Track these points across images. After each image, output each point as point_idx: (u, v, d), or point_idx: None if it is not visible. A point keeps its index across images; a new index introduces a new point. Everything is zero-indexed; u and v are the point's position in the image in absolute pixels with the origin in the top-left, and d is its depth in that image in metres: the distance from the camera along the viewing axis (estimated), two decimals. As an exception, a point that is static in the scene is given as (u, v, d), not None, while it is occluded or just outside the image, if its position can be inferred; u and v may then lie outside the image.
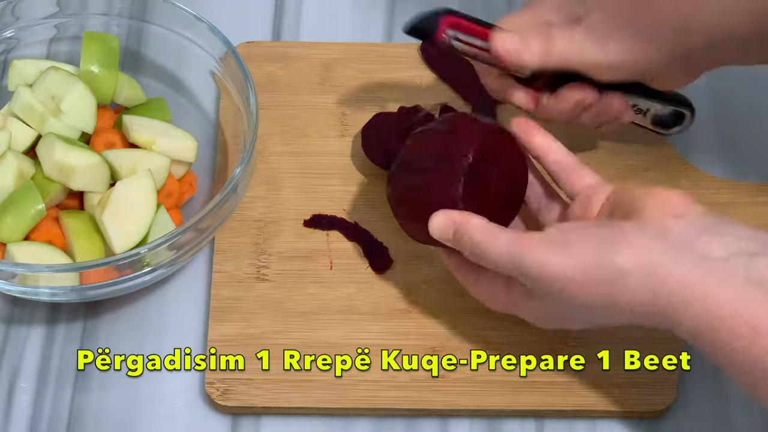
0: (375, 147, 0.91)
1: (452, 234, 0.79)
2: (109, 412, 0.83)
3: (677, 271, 0.71)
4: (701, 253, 0.71)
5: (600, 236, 0.73)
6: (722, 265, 0.71)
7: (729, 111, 0.98)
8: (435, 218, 0.79)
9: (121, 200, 0.85)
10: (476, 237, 0.77)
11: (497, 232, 0.76)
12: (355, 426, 0.83)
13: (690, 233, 0.72)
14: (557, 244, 0.74)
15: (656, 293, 0.71)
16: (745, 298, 0.70)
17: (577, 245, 0.73)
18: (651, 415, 0.83)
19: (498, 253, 0.76)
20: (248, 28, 1.02)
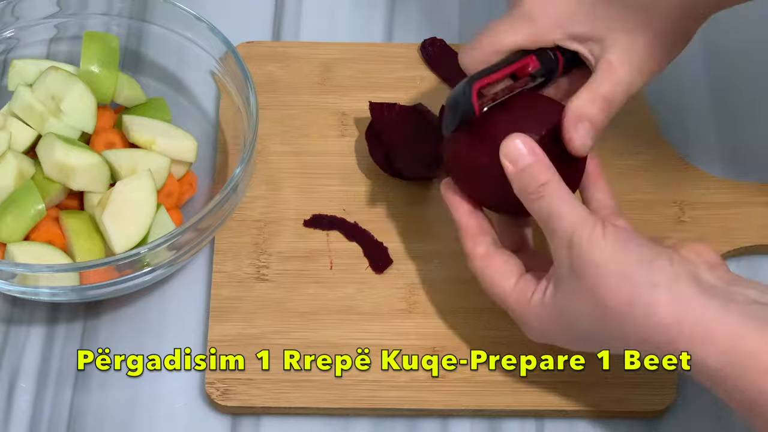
0: (378, 151, 0.91)
1: (526, 164, 0.76)
2: (109, 412, 0.83)
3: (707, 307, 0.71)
4: (730, 298, 0.71)
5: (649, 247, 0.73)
6: (748, 308, 0.71)
7: (729, 111, 0.98)
8: (519, 137, 0.76)
9: (121, 200, 0.85)
10: (553, 183, 0.75)
11: (569, 194, 0.75)
12: (355, 426, 0.83)
13: (719, 281, 0.73)
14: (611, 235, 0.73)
15: (683, 318, 0.71)
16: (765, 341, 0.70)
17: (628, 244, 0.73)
18: (651, 415, 0.83)
19: (567, 213, 0.74)
20: (248, 28, 1.02)
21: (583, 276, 0.73)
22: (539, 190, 0.75)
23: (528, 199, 0.76)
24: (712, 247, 0.76)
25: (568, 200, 0.75)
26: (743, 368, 0.69)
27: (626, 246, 0.73)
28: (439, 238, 0.89)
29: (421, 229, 0.90)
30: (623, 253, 0.73)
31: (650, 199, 0.92)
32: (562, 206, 0.75)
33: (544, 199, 0.75)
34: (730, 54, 1.01)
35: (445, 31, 1.01)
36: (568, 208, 0.74)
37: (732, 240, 0.90)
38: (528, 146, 0.76)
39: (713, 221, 0.91)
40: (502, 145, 0.76)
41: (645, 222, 0.90)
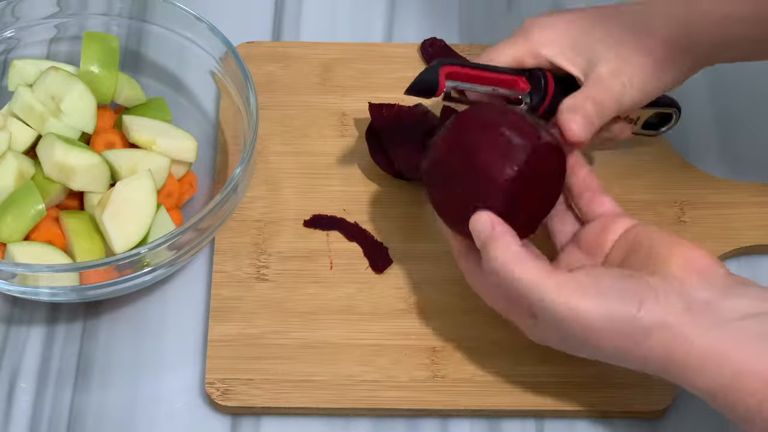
0: (378, 151, 0.91)
1: (484, 239, 0.77)
2: (109, 412, 0.83)
3: (695, 335, 0.72)
4: (719, 316, 0.72)
5: (629, 290, 0.74)
6: (736, 326, 0.72)
7: (729, 111, 0.98)
8: (482, 216, 0.77)
9: (121, 200, 0.85)
10: (502, 256, 0.76)
11: (526, 258, 0.75)
12: (355, 426, 0.83)
13: (710, 295, 0.73)
14: (588, 289, 0.74)
15: (674, 354, 0.73)
16: (757, 354, 0.71)
17: (607, 295, 0.74)
18: (651, 415, 0.83)
19: (526, 280, 0.75)
20: (248, 28, 1.02)
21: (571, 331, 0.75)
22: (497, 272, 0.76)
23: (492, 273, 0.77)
24: (707, 248, 0.76)
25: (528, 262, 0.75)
26: (732, 391, 0.71)
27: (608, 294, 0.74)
28: (439, 238, 0.89)
29: (421, 229, 0.90)
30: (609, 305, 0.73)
31: (650, 199, 0.92)
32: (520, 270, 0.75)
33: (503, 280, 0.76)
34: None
35: (445, 31, 1.01)
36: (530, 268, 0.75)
37: (732, 240, 0.90)
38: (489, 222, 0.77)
39: (713, 221, 0.91)
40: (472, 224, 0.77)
41: (645, 222, 0.90)
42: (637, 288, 0.74)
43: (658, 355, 0.73)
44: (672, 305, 0.73)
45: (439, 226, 0.82)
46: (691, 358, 0.72)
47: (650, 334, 0.73)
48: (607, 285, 0.74)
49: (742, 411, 0.71)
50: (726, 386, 0.72)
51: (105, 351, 0.85)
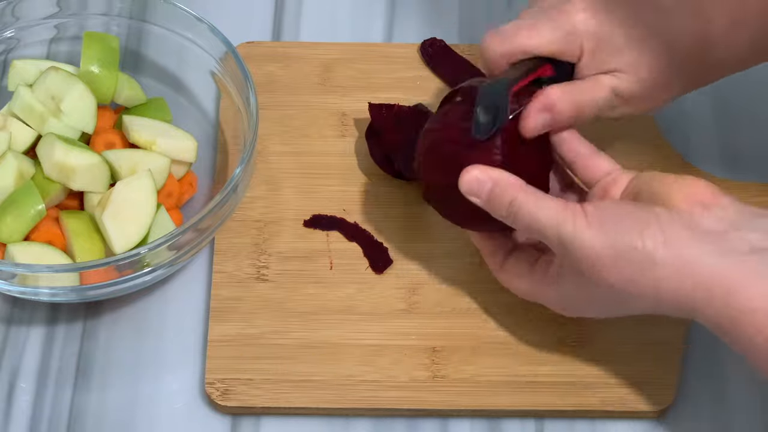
0: (378, 151, 0.91)
1: (488, 190, 0.77)
2: (109, 412, 0.83)
3: (703, 263, 0.71)
4: (727, 247, 0.72)
5: (634, 218, 0.73)
6: (746, 260, 0.71)
7: (729, 111, 0.98)
8: (470, 171, 0.77)
9: (121, 200, 0.85)
10: (519, 197, 0.76)
11: (540, 195, 0.76)
12: (355, 426, 0.83)
13: (717, 224, 0.73)
14: (593, 218, 0.74)
15: (681, 282, 0.72)
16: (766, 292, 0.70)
17: (612, 223, 0.73)
18: (651, 415, 0.83)
19: (543, 217, 0.75)
20: (248, 28, 1.02)
21: (582, 269, 0.74)
22: (510, 208, 0.76)
23: (506, 220, 0.77)
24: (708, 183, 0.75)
25: (541, 205, 0.76)
26: (739, 324, 0.71)
27: (614, 226, 0.73)
28: (439, 238, 0.89)
29: (421, 229, 0.90)
30: (612, 234, 0.73)
31: (650, 199, 0.92)
32: (537, 213, 0.75)
33: (519, 214, 0.76)
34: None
35: (445, 31, 1.01)
36: (543, 212, 0.75)
37: (732, 240, 0.90)
38: (484, 173, 0.77)
39: (713, 221, 0.91)
40: (461, 183, 0.77)
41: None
42: (641, 215, 0.73)
43: (667, 286, 0.72)
44: (677, 234, 0.72)
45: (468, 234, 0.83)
46: (699, 288, 0.71)
47: (656, 263, 0.72)
48: (611, 214, 0.74)
49: (749, 345, 0.71)
50: (734, 319, 0.71)
51: (105, 351, 0.85)
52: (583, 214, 0.74)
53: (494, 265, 0.83)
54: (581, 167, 0.81)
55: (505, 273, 0.82)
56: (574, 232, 0.74)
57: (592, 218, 0.74)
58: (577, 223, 0.74)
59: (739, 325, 0.71)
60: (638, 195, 0.77)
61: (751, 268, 0.71)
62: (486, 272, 0.87)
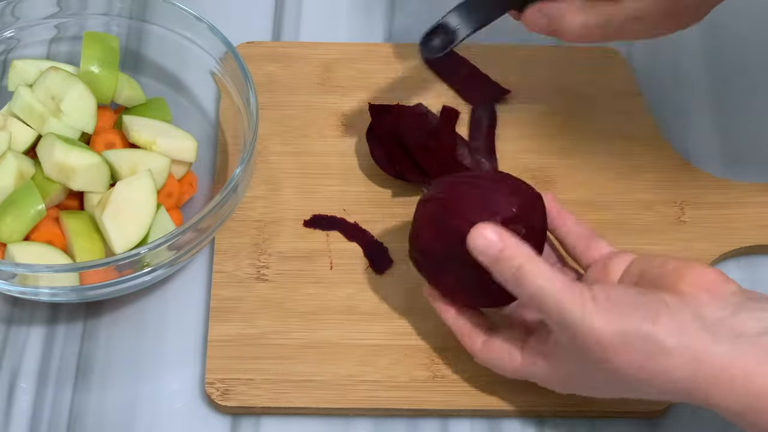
0: (379, 152, 0.91)
1: (497, 251, 0.74)
2: (109, 412, 0.83)
3: (716, 354, 0.71)
4: (738, 333, 0.71)
5: (643, 305, 0.72)
6: (758, 342, 0.70)
7: (729, 111, 0.98)
8: (482, 229, 0.74)
9: (121, 200, 0.85)
10: (528, 265, 0.73)
11: (547, 270, 0.73)
12: (355, 426, 0.83)
13: (725, 312, 0.72)
14: (601, 302, 0.72)
15: (694, 372, 0.71)
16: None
17: (620, 309, 0.72)
18: (651, 415, 0.83)
19: (547, 291, 0.72)
20: (248, 28, 1.02)
21: (588, 353, 0.73)
22: (517, 273, 0.74)
23: (508, 284, 0.75)
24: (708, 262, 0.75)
25: (550, 277, 0.73)
26: (762, 411, 0.70)
27: (625, 312, 0.72)
28: (439, 238, 0.89)
29: (421, 229, 0.90)
30: (624, 320, 0.71)
31: (650, 199, 0.92)
32: (544, 285, 0.73)
33: (525, 282, 0.73)
34: (730, 54, 1.01)
35: (445, 31, 1.01)
36: (550, 286, 0.73)
37: (732, 240, 0.90)
38: (495, 234, 0.75)
39: (713, 221, 0.91)
40: (470, 238, 0.75)
41: (645, 222, 0.90)
42: (652, 303, 0.72)
43: (681, 376, 0.71)
44: (687, 322, 0.71)
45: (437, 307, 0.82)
46: (715, 378, 0.70)
47: (669, 352, 0.71)
48: (622, 300, 0.72)
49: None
50: (754, 407, 0.70)
51: (105, 351, 0.85)
52: (591, 297, 0.72)
53: (474, 344, 0.80)
54: (581, 249, 0.81)
55: (490, 352, 0.79)
56: (583, 315, 0.72)
57: (602, 302, 0.72)
58: (586, 307, 0.72)
59: (759, 410, 0.70)
60: (642, 277, 0.76)
61: (762, 349, 0.70)
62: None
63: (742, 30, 1.02)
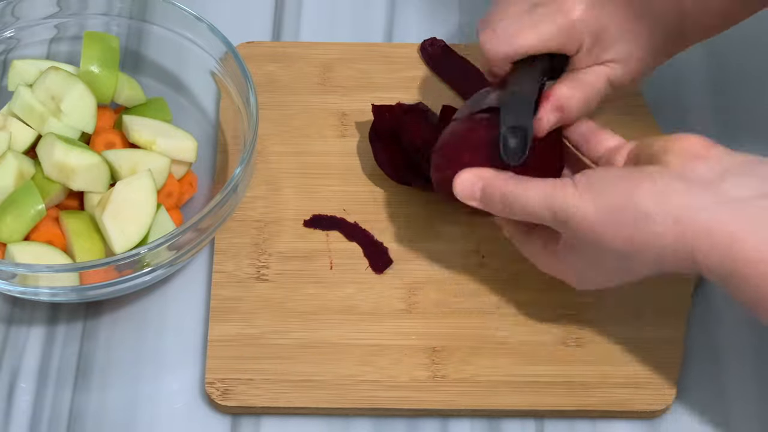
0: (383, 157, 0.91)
1: (480, 191, 0.78)
2: (109, 412, 0.83)
3: (701, 213, 0.71)
4: (724, 194, 0.71)
5: (623, 178, 0.74)
6: (746, 207, 0.71)
7: (729, 111, 0.98)
8: (461, 175, 0.79)
9: (121, 200, 0.85)
10: (507, 188, 0.77)
11: (527, 180, 0.76)
12: (355, 426, 0.83)
13: (712, 173, 0.72)
14: (583, 186, 0.74)
15: (681, 235, 0.71)
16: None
17: (601, 187, 0.74)
18: (651, 415, 0.83)
19: (532, 200, 0.76)
20: (248, 28, 1.02)
21: (581, 237, 0.74)
22: (503, 202, 0.77)
23: (503, 214, 0.78)
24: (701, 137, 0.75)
25: (529, 187, 0.76)
26: (744, 275, 0.70)
27: (604, 189, 0.73)
28: (439, 238, 0.89)
29: (421, 229, 0.90)
30: (604, 197, 0.73)
31: (650, 199, 0.92)
32: (527, 197, 0.76)
33: (513, 205, 0.77)
34: (730, 54, 1.01)
35: (445, 31, 1.01)
36: (532, 194, 0.76)
37: (732, 240, 0.90)
38: (473, 174, 0.78)
39: (713, 221, 0.91)
40: (455, 188, 0.79)
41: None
42: (633, 176, 0.74)
43: (666, 242, 0.72)
44: (670, 186, 0.72)
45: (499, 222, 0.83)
46: (699, 238, 0.71)
47: (652, 219, 0.72)
48: (602, 180, 0.74)
49: (754, 295, 0.70)
50: (736, 270, 0.70)
51: (105, 351, 0.85)
52: (571, 183, 0.75)
53: (518, 242, 0.82)
54: (587, 146, 0.82)
55: (526, 250, 0.82)
56: (565, 202, 0.74)
57: (582, 186, 0.74)
58: (567, 193, 0.74)
59: (743, 275, 0.70)
60: (638, 159, 0.77)
61: (753, 214, 0.70)
62: (486, 272, 0.87)
63: (742, 30, 1.02)
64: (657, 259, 0.73)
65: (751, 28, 1.02)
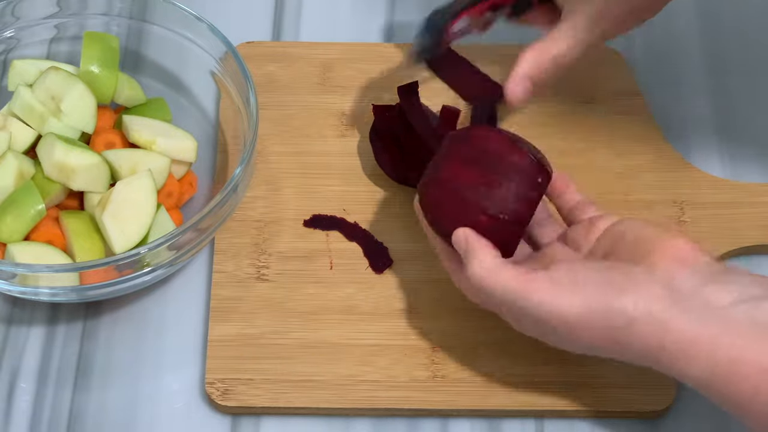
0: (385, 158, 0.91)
1: (464, 252, 0.78)
2: (109, 412, 0.83)
3: (684, 322, 0.71)
4: (706, 303, 0.72)
5: (608, 280, 0.73)
6: (727, 313, 0.71)
7: (729, 111, 0.98)
8: (458, 232, 0.78)
9: (121, 200, 0.85)
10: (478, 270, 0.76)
11: (501, 267, 0.76)
12: (355, 426, 0.83)
13: (695, 282, 0.73)
14: (565, 285, 0.74)
15: (663, 342, 0.72)
16: (750, 340, 0.70)
17: (585, 288, 0.73)
18: (651, 415, 0.83)
19: (502, 287, 0.75)
20: (248, 28, 1.02)
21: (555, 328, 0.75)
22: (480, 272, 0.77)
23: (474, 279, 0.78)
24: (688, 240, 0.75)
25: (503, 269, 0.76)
26: (725, 379, 0.70)
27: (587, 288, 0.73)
28: (439, 238, 0.89)
29: (421, 229, 0.90)
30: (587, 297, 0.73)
31: (650, 199, 0.92)
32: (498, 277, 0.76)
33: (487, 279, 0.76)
34: (730, 55, 1.01)
35: (445, 31, 1.01)
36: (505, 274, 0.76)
37: (732, 240, 0.90)
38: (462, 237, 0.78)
39: (713, 221, 0.91)
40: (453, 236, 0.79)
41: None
42: (615, 278, 0.73)
43: (649, 346, 0.72)
44: (655, 294, 0.72)
45: (424, 227, 0.83)
46: (682, 346, 0.71)
47: (630, 325, 0.72)
48: (583, 278, 0.74)
49: (736, 399, 0.70)
50: (719, 375, 0.70)
51: (105, 351, 0.85)
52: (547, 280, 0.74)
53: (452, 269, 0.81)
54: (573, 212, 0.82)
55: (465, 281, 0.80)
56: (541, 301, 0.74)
57: (563, 283, 0.74)
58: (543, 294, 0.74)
59: (723, 380, 0.70)
60: (620, 240, 0.77)
61: (732, 320, 0.71)
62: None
63: (742, 29, 1.02)
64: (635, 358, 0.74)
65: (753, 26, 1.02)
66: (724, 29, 1.02)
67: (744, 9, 0.98)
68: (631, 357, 0.74)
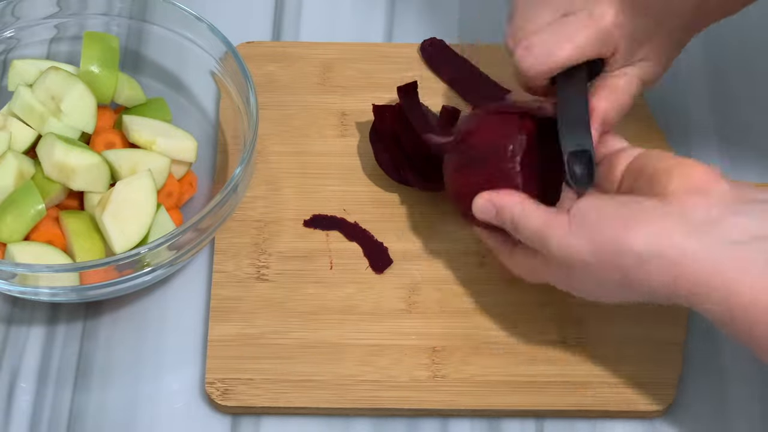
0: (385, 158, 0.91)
1: (494, 213, 0.79)
2: (109, 412, 0.83)
3: (698, 258, 0.71)
4: (723, 237, 0.71)
5: (619, 217, 0.73)
6: (743, 250, 0.70)
7: (728, 111, 0.98)
8: (477, 201, 0.79)
9: (121, 200, 0.85)
10: (516, 211, 0.77)
11: (531, 210, 0.77)
12: (355, 426, 0.83)
13: (713, 214, 0.72)
14: (577, 226, 0.74)
15: (677, 278, 0.71)
16: (765, 285, 0.69)
17: (595, 227, 0.73)
18: (651, 415, 0.83)
19: (530, 231, 0.76)
20: (248, 28, 1.02)
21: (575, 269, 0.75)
22: (512, 223, 0.78)
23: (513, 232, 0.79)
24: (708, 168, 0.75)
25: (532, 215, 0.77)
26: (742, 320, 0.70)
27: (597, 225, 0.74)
28: (439, 238, 0.89)
29: (421, 229, 0.90)
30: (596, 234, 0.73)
31: (650, 199, 0.92)
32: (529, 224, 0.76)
33: (519, 228, 0.77)
34: (730, 55, 1.01)
35: (445, 31, 1.01)
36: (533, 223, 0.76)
37: (732, 240, 0.90)
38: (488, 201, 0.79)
39: (713, 221, 0.91)
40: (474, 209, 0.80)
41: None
42: (629, 215, 0.73)
43: (662, 283, 0.72)
44: (669, 229, 0.72)
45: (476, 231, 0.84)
46: (699, 284, 0.71)
47: (644, 260, 0.72)
48: (595, 217, 0.74)
49: (751, 339, 0.70)
50: (736, 316, 0.70)
51: (105, 351, 0.85)
52: (566, 220, 0.75)
53: (503, 254, 0.82)
54: None
55: (515, 260, 0.81)
56: (558, 239, 0.74)
57: (576, 222, 0.74)
58: (561, 231, 0.74)
59: (740, 320, 0.70)
60: (640, 174, 0.76)
61: (749, 259, 0.70)
62: (486, 272, 0.87)
63: (742, 30, 1.02)
64: (650, 295, 0.74)
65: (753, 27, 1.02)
66: (725, 31, 1.02)
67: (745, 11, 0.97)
68: (645, 296, 0.74)
